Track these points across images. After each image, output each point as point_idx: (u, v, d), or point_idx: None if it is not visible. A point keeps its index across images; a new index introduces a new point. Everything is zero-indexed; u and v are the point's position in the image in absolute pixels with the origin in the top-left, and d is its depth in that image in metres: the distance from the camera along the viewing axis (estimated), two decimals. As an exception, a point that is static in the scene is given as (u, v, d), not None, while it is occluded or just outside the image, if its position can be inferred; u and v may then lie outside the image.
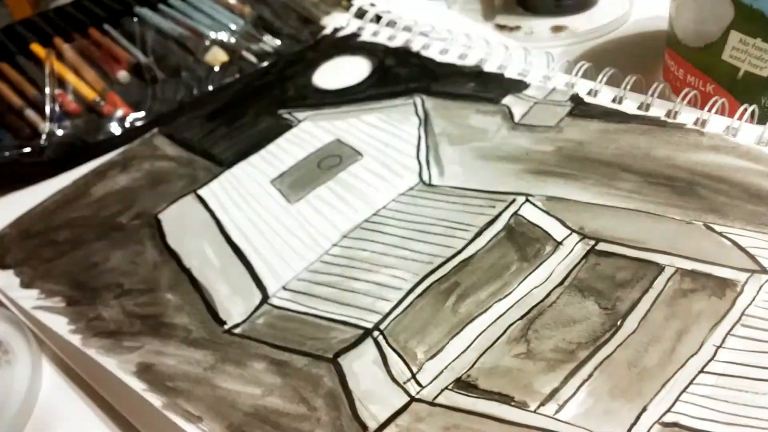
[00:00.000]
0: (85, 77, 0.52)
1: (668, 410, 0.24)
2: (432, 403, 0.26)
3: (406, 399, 0.26)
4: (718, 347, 0.26)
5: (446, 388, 0.26)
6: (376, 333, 0.29)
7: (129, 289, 0.34)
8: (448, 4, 0.55)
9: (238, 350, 0.30)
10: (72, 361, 0.33)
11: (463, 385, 0.26)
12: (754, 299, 0.27)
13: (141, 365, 0.30)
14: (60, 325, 0.33)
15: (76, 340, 0.32)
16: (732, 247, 0.29)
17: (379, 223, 0.34)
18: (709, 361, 0.25)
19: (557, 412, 0.25)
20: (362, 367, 0.28)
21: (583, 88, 0.39)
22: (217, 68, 0.51)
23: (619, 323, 0.27)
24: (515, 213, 0.33)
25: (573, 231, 0.31)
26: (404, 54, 0.45)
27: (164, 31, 0.56)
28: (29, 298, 0.35)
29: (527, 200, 0.33)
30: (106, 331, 0.32)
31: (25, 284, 0.36)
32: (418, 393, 0.26)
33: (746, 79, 0.36)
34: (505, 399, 0.26)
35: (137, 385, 0.29)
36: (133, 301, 0.33)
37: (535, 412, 0.25)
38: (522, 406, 0.25)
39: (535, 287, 0.29)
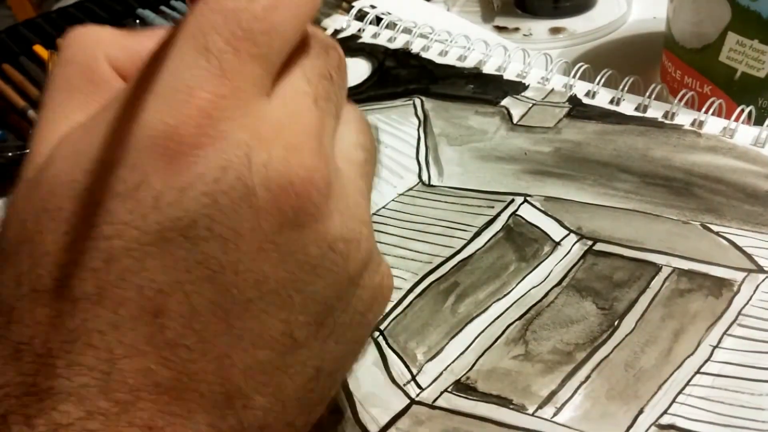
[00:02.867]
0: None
1: (665, 412, 0.24)
2: (432, 406, 0.26)
3: (406, 401, 0.26)
4: (715, 347, 0.26)
5: (446, 390, 0.27)
6: (376, 333, 0.29)
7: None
8: (448, 6, 0.55)
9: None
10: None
11: (463, 387, 0.27)
12: (750, 299, 0.27)
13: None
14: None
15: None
16: (729, 247, 0.29)
17: (378, 222, 0.34)
18: (706, 361, 0.26)
19: (555, 415, 0.25)
20: (363, 368, 0.28)
21: (581, 89, 0.39)
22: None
23: (616, 323, 0.27)
24: (514, 213, 0.33)
25: (571, 231, 0.32)
26: (404, 55, 0.45)
27: (165, 32, 0.57)
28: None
29: (525, 200, 0.33)
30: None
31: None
32: (418, 395, 0.27)
33: (743, 80, 0.36)
34: (503, 402, 0.26)
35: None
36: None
37: (533, 415, 0.25)
38: (520, 409, 0.25)
39: (534, 287, 0.30)
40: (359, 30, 0.48)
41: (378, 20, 0.48)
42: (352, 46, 0.47)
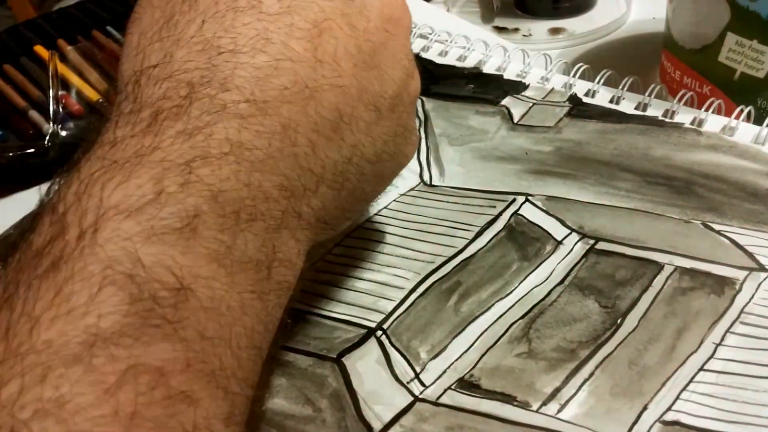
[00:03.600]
0: (89, 79, 0.52)
1: (669, 408, 0.24)
2: (436, 403, 0.26)
3: (410, 399, 0.27)
4: (718, 345, 0.26)
5: (449, 387, 0.27)
6: (379, 332, 0.29)
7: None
8: (447, 6, 0.56)
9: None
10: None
11: (466, 384, 0.27)
12: (752, 297, 0.27)
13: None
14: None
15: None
16: (730, 246, 0.30)
17: (380, 222, 0.34)
18: (709, 358, 0.26)
19: (559, 411, 0.25)
20: (366, 366, 0.28)
21: (581, 88, 0.39)
22: (218, 70, 0.51)
23: (619, 321, 0.27)
24: (515, 212, 0.33)
25: (573, 230, 0.32)
26: (404, 56, 0.45)
27: (165, 33, 0.56)
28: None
29: (527, 200, 0.34)
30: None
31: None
32: (421, 393, 0.27)
33: (742, 81, 0.36)
34: (507, 399, 0.26)
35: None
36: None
37: (537, 411, 0.25)
38: (524, 405, 0.25)
39: (536, 286, 0.30)
40: (359, 31, 0.49)
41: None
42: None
